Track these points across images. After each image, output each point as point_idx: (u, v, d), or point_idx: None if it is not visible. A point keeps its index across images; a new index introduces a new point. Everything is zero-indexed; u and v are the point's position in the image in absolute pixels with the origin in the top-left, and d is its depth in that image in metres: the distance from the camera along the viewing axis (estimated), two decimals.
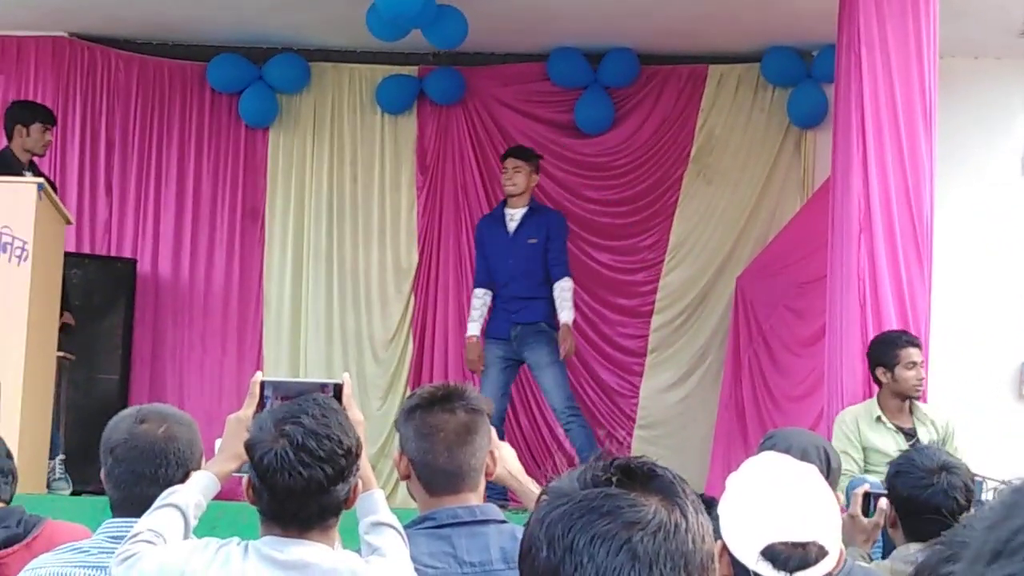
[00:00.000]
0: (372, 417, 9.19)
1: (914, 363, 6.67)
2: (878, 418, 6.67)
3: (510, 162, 8.89)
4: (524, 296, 8.76)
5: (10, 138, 8.22)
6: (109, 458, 3.37)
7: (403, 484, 8.56)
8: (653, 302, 10.24)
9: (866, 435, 6.64)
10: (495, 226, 8.95)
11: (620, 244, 10.35)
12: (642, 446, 9.94)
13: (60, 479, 8.08)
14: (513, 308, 8.76)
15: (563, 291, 8.74)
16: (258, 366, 9.91)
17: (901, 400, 6.73)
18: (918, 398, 6.77)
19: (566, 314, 8.68)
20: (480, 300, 8.97)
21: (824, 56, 9.42)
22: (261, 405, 3.23)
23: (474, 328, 8.90)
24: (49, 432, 7.55)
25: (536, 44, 10.12)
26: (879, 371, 6.71)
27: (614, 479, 1.59)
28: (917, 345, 6.73)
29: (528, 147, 9.31)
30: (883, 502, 4.43)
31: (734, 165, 10.28)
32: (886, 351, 6.70)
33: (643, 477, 1.61)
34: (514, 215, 8.88)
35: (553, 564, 1.57)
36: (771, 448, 4.23)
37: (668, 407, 10.15)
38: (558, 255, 8.81)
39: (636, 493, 1.58)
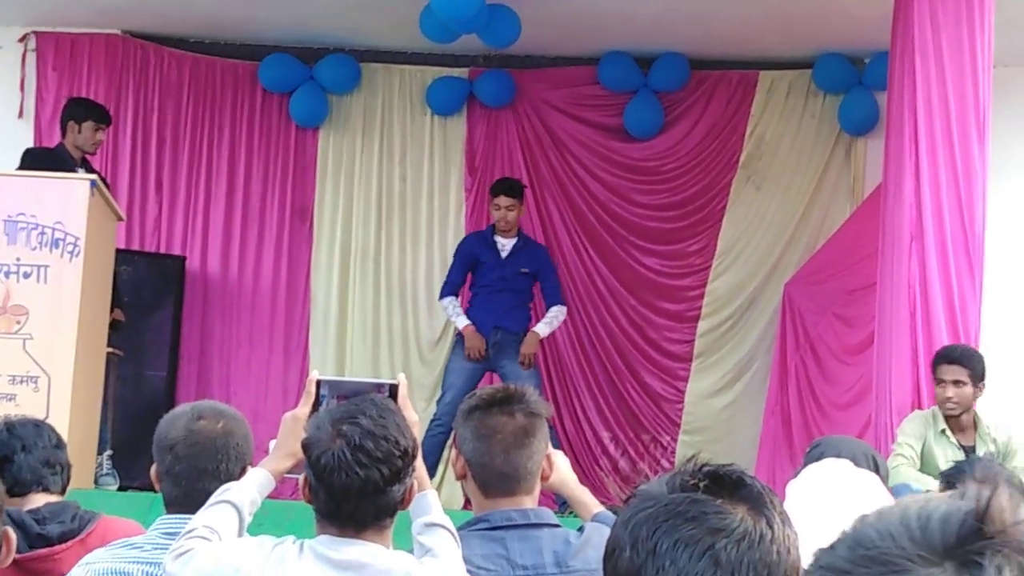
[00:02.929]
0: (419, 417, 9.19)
1: (942, 380, 6.48)
2: (943, 431, 6.53)
3: (503, 200, 8.91)
4: (510, 305, 8.87)
5: (64, 134, 8.25)
6: (168, 455, 3.36)
7: (446, 483, 8.70)
8: (700, 307, 10.23)
9: (929, 443, 6.52)
10: (487, 249, 8.98)
11: (668, 249, 10.34)
12: (686, 451, 9.88)
13: (107, 474, 8.12)
14: (498, 312, 8.82)
15: (555, 313, 8.99)
16: (304, 365, 9.96)
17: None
18: (949, 418, 6.54)
19: (543, 327, 8.94)
20: (453, 303, 9.01)
21: (876, 63, 9.39)
22: (317, 404, 3.23)
23: (463, 320, 8.92)
24: (98, 428, 7.57)
25: (587, 48, 10.12)
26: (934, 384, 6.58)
27: (702, 485, 1.60)
28: (953, 361, 6.49)
29: (515, 179, 9.40)
30: None
31: (783, 171, 10.26)
32: (933, 366, 6.58)
33: (731, 485, 1.61)
34: (505, 245, 8.98)
35: (636, 566, 1.57)
36: (819, 456, 4.20)
37: (713, 413, 10.14)
38: (554, 288, 9.07)
39: (723, 501, 1.58)
